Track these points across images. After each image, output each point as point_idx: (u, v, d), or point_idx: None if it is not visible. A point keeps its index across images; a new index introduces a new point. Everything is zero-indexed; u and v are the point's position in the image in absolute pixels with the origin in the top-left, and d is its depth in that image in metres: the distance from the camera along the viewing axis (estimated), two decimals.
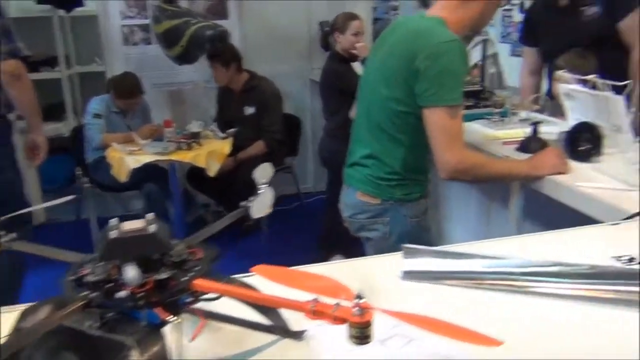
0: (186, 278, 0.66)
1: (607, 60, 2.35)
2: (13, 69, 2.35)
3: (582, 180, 1.56)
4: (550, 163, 1.62)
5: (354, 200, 1.79)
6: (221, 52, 3.71)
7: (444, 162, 1.59)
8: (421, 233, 1.76)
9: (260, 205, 1.17)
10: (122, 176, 3.35)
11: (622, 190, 1.47)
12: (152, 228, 0.67)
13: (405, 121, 1.64)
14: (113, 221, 0.68)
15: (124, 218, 0.68)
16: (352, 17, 3.38)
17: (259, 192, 1.23)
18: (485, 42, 2.68)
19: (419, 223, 1.75)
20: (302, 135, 4.47)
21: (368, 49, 3.33)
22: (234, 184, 3.77)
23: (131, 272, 0.63)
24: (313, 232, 3.75)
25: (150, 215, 0.70)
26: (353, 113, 2.10)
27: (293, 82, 4.53)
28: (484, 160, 1.67)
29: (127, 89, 3.70)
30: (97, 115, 3.69)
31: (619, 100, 1.76)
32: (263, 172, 1.32)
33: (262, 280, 0.64)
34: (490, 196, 2.57)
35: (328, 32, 3.55)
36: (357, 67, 3.38)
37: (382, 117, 1.68)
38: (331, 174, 3.53)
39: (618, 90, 1.78)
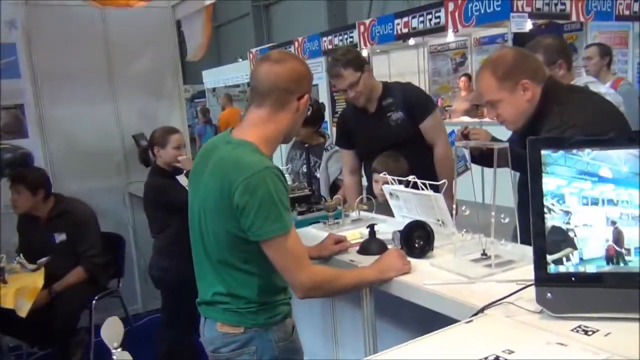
0: None
1: (416, 160, 2.60)
2: None
3: (425, 278, 1.63)
4: (395, 265, 1.68)
5: (214, 332, 1.67)
6: (28, 175, 3.36)
7: (296, 284, 1.59)
8: (291, 357, 1.68)
9: None
10: None
11: (464, 284, 1.56)
12: None
13: (244, 250, 1.59)
14: None
15: None
16: (171, 131, 3.33)
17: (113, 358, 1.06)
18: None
19: (287, 346, 1.68)
20: (126, 253, 4.14)
21: (191, 161, 3.28)
22: (49, 319, 3.31)
23: None
24: (147, 357, 3.40)
25: None
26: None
27: (110, 198, 4.25)
28: (334, 274, 1.68)
29: None
30: None
31: (439, 197, 1.92)
32: (112, 331, 1.15)
33: None
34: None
35: (146, 147, 3.43)
36: (182, 179, 3.28)
37: (220, 252, 1.62)
38: (165, 293, 3.29)
39: (435, 188, 1.95)
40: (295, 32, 11.66)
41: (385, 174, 2.25)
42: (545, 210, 1.29)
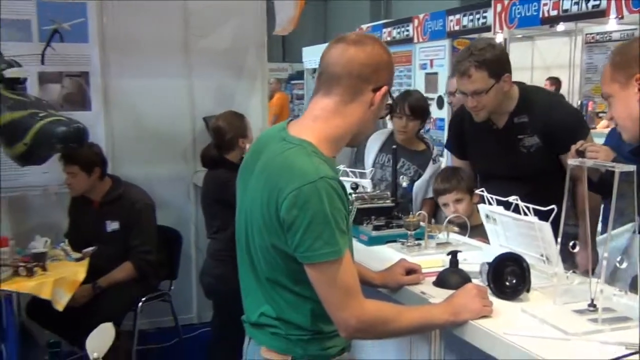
0: None
1: (544, 196, 2.19)
2: None
3: (509, 326, 1.57)
4: (472, 306, 1.62)
5: (258, 357, 1.70)
6: (81, 153, 3.58)
7: (341, 322, 1.57)
8: None
9: None
10: None
11: (559, 340, 1.49)
12: None
13: (295, 270, 1.58)
14: None
15: None
16: (243, 116, 3.45)
17: None
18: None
19: None
20: (183, 253, 4.30)
21: None
22: (91, 317, 3.52)
23: None
24: None
25: None
26: None
27: (172, 188, 4.43)
28: (392, 312, 1.63)
29: None
30: None
31: (546, 226, 1.83)
32: (100, 340, 1.19)
33: None
34: None
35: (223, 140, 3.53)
36: None
37: (269, 269, 1.63)
38: (216, 304, 3.41)
39: (542, 215, 1.86)
40: (420, 7, 11.58)
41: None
42: None
